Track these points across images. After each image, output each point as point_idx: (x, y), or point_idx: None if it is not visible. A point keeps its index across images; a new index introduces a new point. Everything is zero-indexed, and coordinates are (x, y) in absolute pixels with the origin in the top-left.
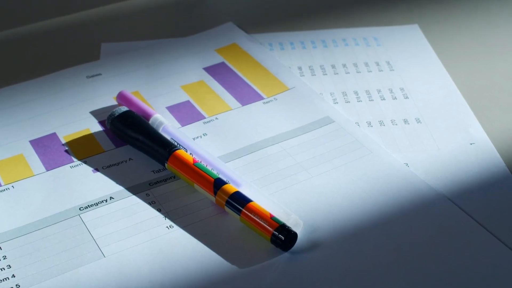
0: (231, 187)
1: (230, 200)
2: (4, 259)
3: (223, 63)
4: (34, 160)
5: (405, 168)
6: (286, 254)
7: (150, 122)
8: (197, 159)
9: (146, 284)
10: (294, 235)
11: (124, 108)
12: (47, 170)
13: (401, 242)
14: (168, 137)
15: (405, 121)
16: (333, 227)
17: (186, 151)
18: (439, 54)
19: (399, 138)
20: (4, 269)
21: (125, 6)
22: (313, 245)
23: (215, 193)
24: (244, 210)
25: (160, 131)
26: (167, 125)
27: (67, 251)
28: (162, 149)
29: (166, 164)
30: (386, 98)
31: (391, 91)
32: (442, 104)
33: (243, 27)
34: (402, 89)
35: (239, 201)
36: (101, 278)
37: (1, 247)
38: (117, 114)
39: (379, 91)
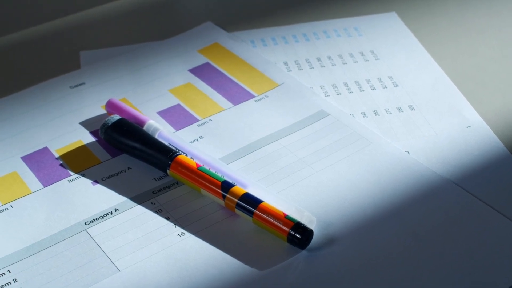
0: (239, 189)
1: (240, 203)
2: (14, 282)
3: (207, 64)
4: (29, 177)
5: (407, 156)
6: (303, 252)
7: (144, 128)
8: (199, 163)
9: None
10: (310, 232)
11: (116, 117)
12: (45, 186)
13: (414, 229)
14: (166, 143)
15: (399, 109)
16: (346, 220)
17: (187, 156)
18: (420, 40)
19: (396, 127)
20: None
21: (97, 12)
22: (329, 241)
23: (223, 197)
24: (256, 212)
25: (156, 137)
26: (162, 130)
27: (79, 268)
28: (162, 156)
29: (168, 171)
30: (376, 87)
31: (380, 80)
32: (432, 90)
33: (222, 25)
34: (390, 78)
35: (250, 202)
36: None
37: (10, 270)
38: (110, 123)
39: (368, 81)
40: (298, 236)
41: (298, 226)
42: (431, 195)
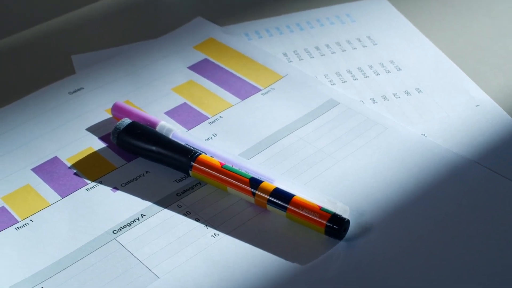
0: (269, 185)
1: (272, 198)
2: None
3: (206, 60)
4: (44, 189)
5: (425, 139)
6: (342, 243)
7: (157, 130)
8: (221, 161)
9: None
10: (347, 222)
11: (127, 120)
12: (62, 197)
13: (445, 211)
14: (182, 143)
15: (407, 93)
16: (376, 208)
17: (206, 155)
18: (414, 23)
19: (407, 111)
20: None
21: (81, 15)
22: (364, 229)
23: (253, 194)
24: (290, 206)
25: (171, 138)
26: (176, 131)
27: (117, 279)
28: (183, 157)
29: (190, 172)
30: (380, 72)
31: (382, 65)
32: (436, 71)
33: (212, 20)
34: (392, 62)
35: (282, 197)
36: None
37: (44, 287)
38: (122, 127)
39: (370, 66)
40: (336, 227)
41: (335, 218)
42: (455, 176)
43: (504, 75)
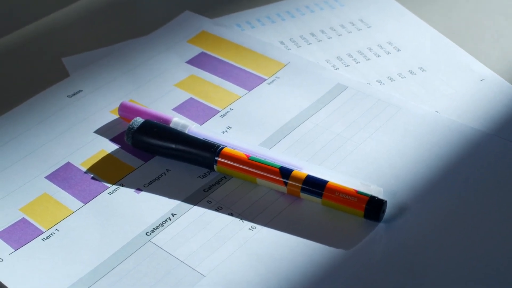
0: (300, 173)
1: (305, 186)
2: None
3: (203, 53)
4: (63, 196)
5: (440, 116)
6: (381, 225)
7: (171, 127)
8: (246, 153)
9: None
10: (385, 203)
11: (140, 119)
12: (85, 203)
13: (472, 185)
14: (202, 139)
15: (411, 72)
16: (408, 188)
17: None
18: (402, 3)
19: (415, 89)
20: None
21: (63, 16)
22: (400, 210)
23: (285, 183)
24: (325, 192)
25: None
26: (191, 126)
27: (161, 282)
28: (205, 152)
29: (215, 167)
30: (380, 54)
31: (380, 47)
32: (434, 50)
33: (199, 13)
34: (390, 43)
35: (316, 184)
36: None
37: None
38: (136, 126)
39: (370, 49)
40: (375, 209)
41: (373, 200)
42: (477, 150)
43: (501, 48)
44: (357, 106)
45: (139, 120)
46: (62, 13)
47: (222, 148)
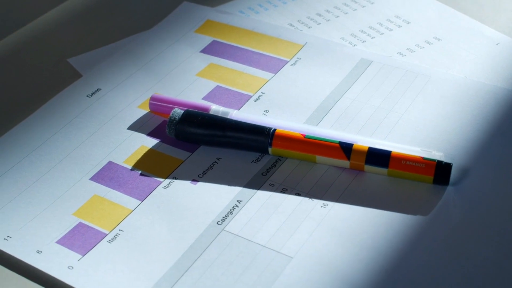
0: (361, 146)
1: (370, 158)
2: None
3: (215, 41)
4: (116, 196)
5: (472, 81)
6: (450, 188)
7: None
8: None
9: (358, 265)
10: (451, 166)
11: (179, 110)
12: (142, 200)
13: None
14: (251, 123)
15: (428, 42)
16: (462, 151)
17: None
18: None
19: (437, 58)
20: None
21: (55, 16)
22: (463, 172)
23: (348, 157)
24: (391, 162)
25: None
26: (233, 112)
27: (249, 268)
28: (258, 136)
29: (270, 149)
30: (392, 28)
31: (390, 21)
32: (443, 20)
33: (199, 3)
34: (398, 17)
35: (380, 156)
36: (311, 277)
37: None
38: (177, 117)
39: (380, 24)
40: (445, 173)
41: (440, 164)
42: None
43: (505, 13)
44: (388, 78)
45: (178, 111)
46: (53, 13)
47: (275, 130)
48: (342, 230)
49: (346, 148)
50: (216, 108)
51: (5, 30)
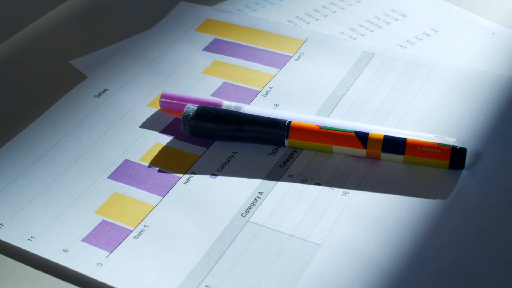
0: (376, 134)
1: (386, 146)
2: None
3: (217, 40)
4: (136, 193)
5: (474, 69)
6: (464, 172)
7: None
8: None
9: (385, 249)
10: (466, 150)
11: (192, 106)
12: (163, 196)
13: None
14: (265, 116)
15: (426, 34)
16: (472, 136)
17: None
18: None
19: (437, 48)
20: None
21: (50, 20)
22: (476, 156)
23: (364, 146)
24: (408, 149)
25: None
26: (245, 107)
27: (278, 257)
28: (274, 128)
29: (286, 141)
30: (389, 21)
31: (386, 15)
32: (438, 13)
33: (195, 2)
34: (394, 11)
35: (396, 142)
36: (341, 263)
37: (207, 285)
38: (192, 113)
39: (377, 18)
40: (461, 158)
41: (455, 149)
42: None
43: (497, 5)
44: (391, 70)
45: (192, 107)
46: (49, 17)
47: (290, 122)
48: (366, 216)
49: (362, 137)
50: (228, 104)
51: (3, 34)
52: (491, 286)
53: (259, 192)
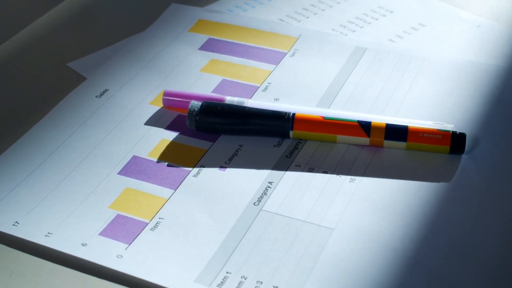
0: (378, 123)
1: (389, 134)
2: (244, 279)
3: (211, 39)
4: (148, 187)
5: (465, 60)
6: (464, 156)
7: None
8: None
9: (397, 231)
10: (465, 135)
11: (197, 102)
12: (175, 189)
13: None
14: (269, 110)
15: (414, 29)
16: (468, 123)
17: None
18: None
19: (426, 41)
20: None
21: (45, 23)
22: (474, 141)
23: (368, 134)
24: (410, 136)
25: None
26: (248, 102)
27: (294, 243)
28: (278, 121)
29: (291, 133)
30: (377, 17)
31: (374, 11)
32: (423, 8)
33: (186, 4)
34: (381, 7)
35: (398, 130)
36: (355, 246)
37: (228, 271)
38: (197, 109)
39: (366, 14)
40: (461, 142)
41: (455, 134)
42: (508, 83)
43: None
44: (384, 63)
45: (196, 103)
46: (44, 20)
47: (294, 114)
48: (375, 200)
49: (365, 126)
50: (230, 99)
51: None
52: (494, 257)
53: (269, 182)
